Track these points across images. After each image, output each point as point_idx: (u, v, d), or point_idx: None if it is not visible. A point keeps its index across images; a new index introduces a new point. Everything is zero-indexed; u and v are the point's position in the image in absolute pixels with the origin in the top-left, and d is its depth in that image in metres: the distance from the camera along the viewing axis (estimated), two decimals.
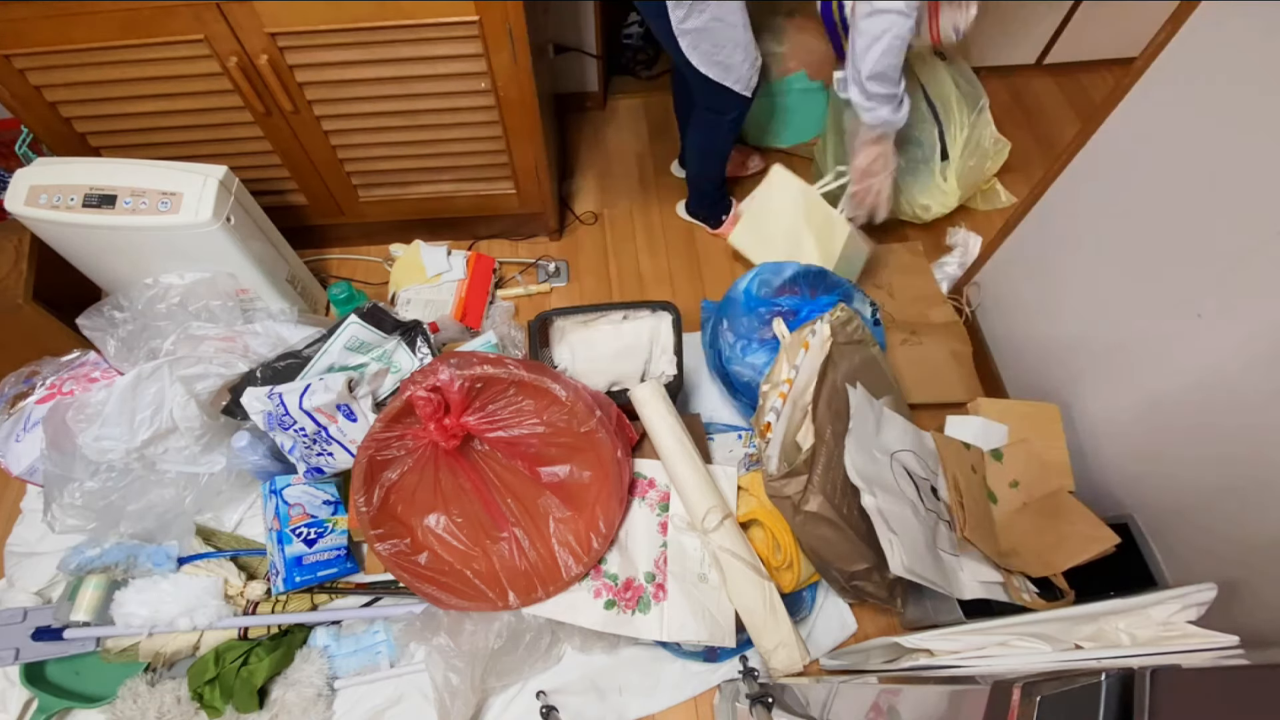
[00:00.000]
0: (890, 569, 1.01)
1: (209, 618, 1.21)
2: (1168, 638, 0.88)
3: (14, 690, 1.25)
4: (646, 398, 1.28)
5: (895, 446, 1.21)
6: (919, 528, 1.09)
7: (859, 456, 1.11)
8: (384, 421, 1.13)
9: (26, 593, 1.33)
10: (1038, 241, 1.43)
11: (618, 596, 1.21)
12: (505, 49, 1.38)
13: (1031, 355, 1.48)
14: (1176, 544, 1.13)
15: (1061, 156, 1.31)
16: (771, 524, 1.23)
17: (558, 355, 1.41)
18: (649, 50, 2.38)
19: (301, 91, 1.44)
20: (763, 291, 1.43)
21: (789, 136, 2.07)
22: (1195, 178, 1.04)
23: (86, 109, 1.45)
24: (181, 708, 1.19)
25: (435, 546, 1.22)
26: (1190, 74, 1.04)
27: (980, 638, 0.94)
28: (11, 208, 1.34)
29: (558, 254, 1.92)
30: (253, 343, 1.41)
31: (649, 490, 1.29)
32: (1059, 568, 1.11)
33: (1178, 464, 1.12)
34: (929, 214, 1.74)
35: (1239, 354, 0.98)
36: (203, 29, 1.31)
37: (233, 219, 1.38)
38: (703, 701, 1.27)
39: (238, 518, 1.44)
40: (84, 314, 1.40)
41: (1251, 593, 1.00)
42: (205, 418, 1.30)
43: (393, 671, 1.28)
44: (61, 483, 1.27)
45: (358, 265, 1.92)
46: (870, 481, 1.08)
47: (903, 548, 1.02)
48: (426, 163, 1.66)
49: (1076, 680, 0.57)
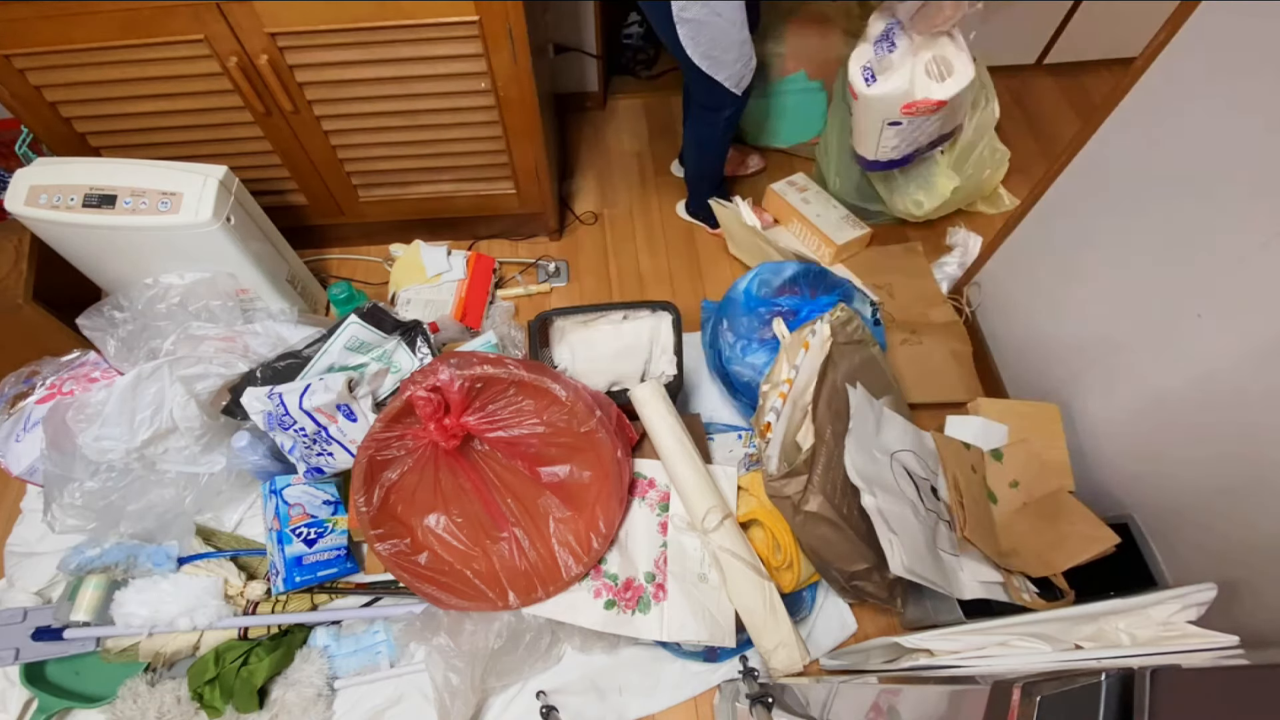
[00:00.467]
0: (890, 569, 1.01)
1: (209, 618, 1.21)
2: (1168, 638, 0.88)
3: (14, 690, 1.25)
4: (646, 398, 1.28)
5: (895, 446, 1.21)
6: (919, 528, 1.09)
7: (859, 456, 1.11)
8: (384, 421, 1.13)
9: (26, 593, 1.33)
10: (1038, 242, 1.43)
11: (618, 596, 1.21)
12: (505, 49, 1.38)
13: (1031, 355, 1.48)
14: (1177, 544, 1.13)
15: (1061, 156, 1.31)
16: (771, 524, 1.23)
17: (558, 355, 1.41)
18: (649, 50, 2.38)
19: (301, 91, 1.44)
20: (763, 291, 1.43)
21: (789, 136, 2.07)
22: (1195, 177, 1.04)
23: (86, 109, 1.45)
24: (181, 708, 1.19)
25: (435, 546, 1.22)
26: (1190, 74, 1.04)
27: (980, 638, 0.94)
28: (11, 208, 1.34)
29: (558, 254, 1.92)
30: (253, 343, 1.41)
31: (649, 490, 1.29)
32: (1059, 568, 1.11)
33: (1178, 463, 1.12)
34: (921, 210, 1.74)
35: (1239, 354, 0.98)
36: (203, 29, 1.31)
37: (233, 219, 1.38)
38: (703, 701, 1.27)
39: (238, 518, 1.44)
40: (84, 314, 1.40)
41: (1252, 593, 1.00)
42: (205, 418, 1.30)
43: (393, 671, 1.28)
44: (61, 483, 1.27)
45: (358, 265, 1.92)
46: (870, 481, 1.08)
47: (903, 548, 1.02)
48: (426, 163, 1.66)
49: (1076, 680, 0.57)
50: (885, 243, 1.88)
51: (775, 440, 1.19)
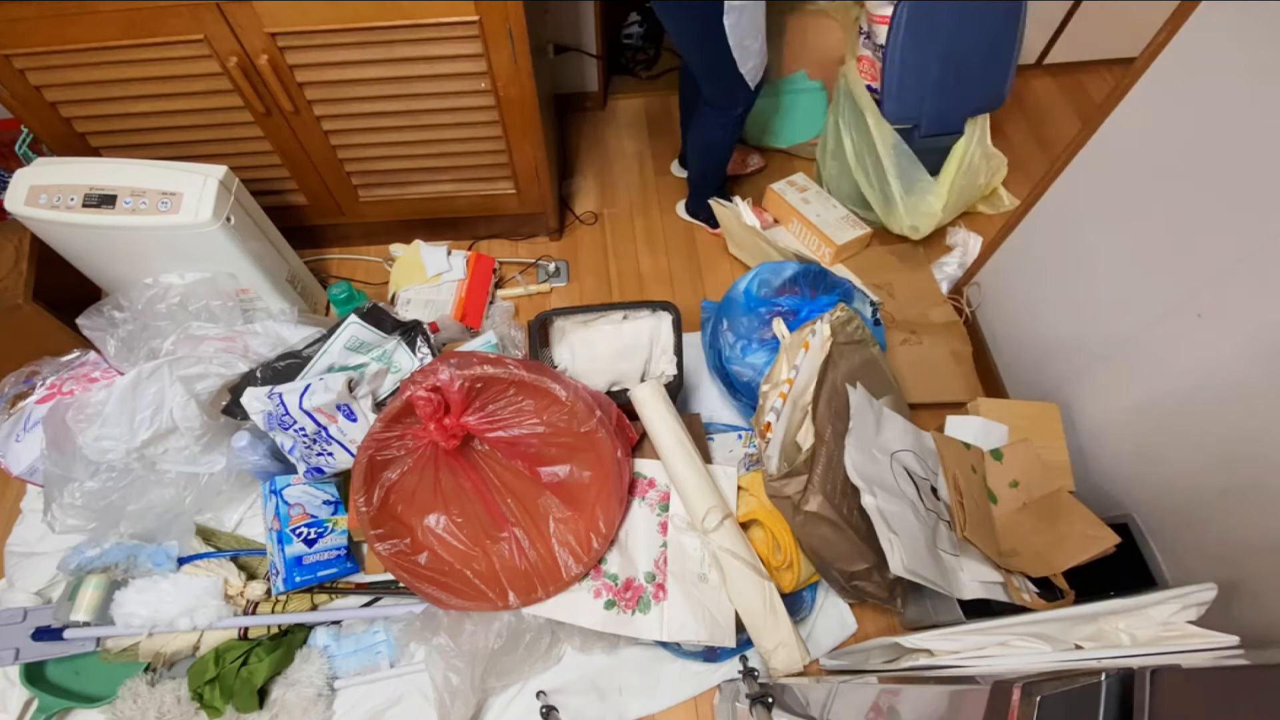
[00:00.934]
0: (890, 569, 1.01)
1: (209, 618, 1.21)
2: (1168, 638, 0.88)
3: (14, 690, 1.25)
4: (646, 398, 1.28)
5: (895, 446, 1.21)
6: (919, 527, 1.09)
7: (859, 456, 1.11)
8: (384, 421, 1.13)
9: (26, 593, 1.33)
10: (1038, 241, 1.43)
11: (618, 596, 1.21)
12: (505, 49, 1.38)
13: (1031, 355, 1.48)
14: (1177, 544, 1.13)
15: (1061, 156, 1.31)
16: (771, 524, 1.23)
17: (558, 355, 1.41)
18: (649, 50, 2.38)
19: (301, 91, 1.44)
20: (763, 291, 1.43)
21: (789, 136, 2.07)
22: (1195, 177, 1.04)
23: (86, 109, 1.45)
24: (181, 708, 1.19)
25: (435, 546, 1.22)
26: (1190, 74, 1.04)
27: (980, 638, 0.94)
28: (11, 208, 1.34)
29: (558, 254, 1.92)
30: (253, 343, 1.41)
31: (649, 490, 1.29)
32: (1059, 567, 1.11)
33: (1178, 464, 1.12)
34: (918, 235, 1.76)
35: (1239, 354, 0.98)
36: (203, 29, 1.31)
37: (233, 219, 1.38)
38: (703, 701, 1.27)
39: (238, 518, 1.43)
40: (84, 314, 1.40)
41: (1252, 593, 1.00)
42: (205, 418, 1.30)
43: (393, 671, 1.28)
44: (61, 483, 1.27)
45: (358, 265, 1.92)
46: (870, 481, 1.08)
47: (903, 548, 1.02)
48: (426, 163, 1.66)
49: (1076, 680, 0.57)
50: (885, 243, 1.88)
51: (775, 440, 1.19)
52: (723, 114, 1.60)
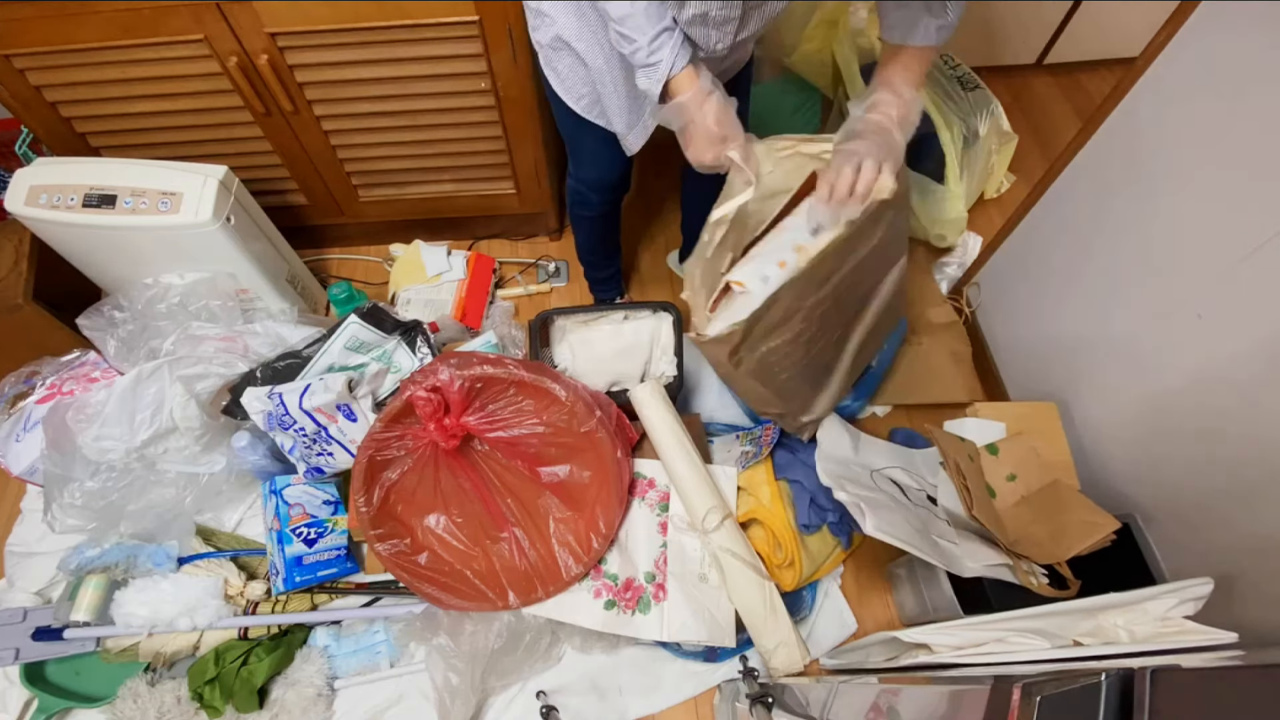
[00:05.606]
0: (864, 530, 1.03)
1: (209, 618, 1.21)
2: (1166, 634, 0.88)
3: (14, 690, 1.25)
4: (646, 398, 1.28)
5: (878, 465, 1.22)
6: (904, 514, 1.10)
7: (832, 466, 1.14)
8: (384, 421, 1.13)
9: (26, 593, 1.33)
10: (1038, 242, 1.43)
11: (618, 596, 1.21)
12: (505, 49, 1.38)
13: (1032, 355, 1.48)
14: (1177, 544, 1.13)
15: (1061, 156, 1.31)
16: (771, 523, 1.23)
17: (558, 355, 1.41)
18: None
19: (301, 91, 1.44)
20: None
21: None
22: (1196, 178, 1.04)
23: (86, 109, 1.45)
24: (181, 708, 1.19)
25: (435, 546, 1.23)
26: (1190, 74, 1.04)
27: (978, 633, 0.94)
28: (11, 208, 1.34)
29: (558, 254, 1.92)
30: (253, 343, 1.41)
31: (649, 490, 1.29)
32: (1063, 556, 1.10)
33: (1179, 464, 1.12)
34: (944, 243, 1.78)
35: (1239, 354, 0.98)
36: (202, 29, 1.31)
37: (233, 219, 1.38)
38: (703, 701, 1.28)
39: (238, 518, 1.44)
40: (84, 314, 1.40)
41: (1253, 591, 1.00)
42: (205, 418, 1.30)
43: (393, 671, 1.28)
44: (61, 483, 1.27)
45: (358, 265, 1.92)
46: (842, 479, 1.09)
47: (874, 513, 1.04)
48: (426, 162, 1.66)
49: (1077, 680, 0.57)
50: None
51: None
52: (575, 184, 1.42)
